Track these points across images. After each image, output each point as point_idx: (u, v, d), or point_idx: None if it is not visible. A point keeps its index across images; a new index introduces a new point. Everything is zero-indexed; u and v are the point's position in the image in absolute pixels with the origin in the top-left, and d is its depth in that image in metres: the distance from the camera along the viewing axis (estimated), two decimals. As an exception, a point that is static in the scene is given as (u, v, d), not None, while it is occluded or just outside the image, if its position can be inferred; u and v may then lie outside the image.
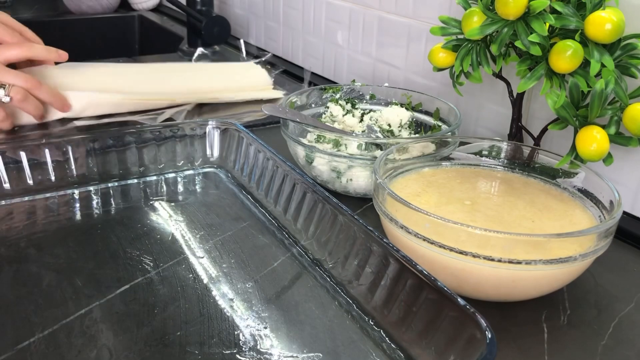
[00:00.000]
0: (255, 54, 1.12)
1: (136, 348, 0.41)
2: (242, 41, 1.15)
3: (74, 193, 0.62)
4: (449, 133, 0.63)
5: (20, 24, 0.82)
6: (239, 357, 0.41)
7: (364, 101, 0.77)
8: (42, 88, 0.75)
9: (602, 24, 0.51)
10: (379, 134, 0.68)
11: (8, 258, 0.51)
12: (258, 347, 0.42)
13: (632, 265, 0.55)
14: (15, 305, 0.45)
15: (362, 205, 0.63)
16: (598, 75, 0.53)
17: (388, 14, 0.86)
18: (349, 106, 0.73)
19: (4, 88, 0.72)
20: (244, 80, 0.94)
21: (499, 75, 0.62)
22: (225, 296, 0.47)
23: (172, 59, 1.14)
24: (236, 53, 1.16)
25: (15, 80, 0.72)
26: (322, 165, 0.63)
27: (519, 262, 0.42)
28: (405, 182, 0.56)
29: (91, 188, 0.63)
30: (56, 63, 0.83)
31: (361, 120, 0.72)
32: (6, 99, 0.72)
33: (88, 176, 0.63)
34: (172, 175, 0.67)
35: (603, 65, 0.52)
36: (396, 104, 0.73)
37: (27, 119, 0.77)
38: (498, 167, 0.60)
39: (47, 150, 0.62)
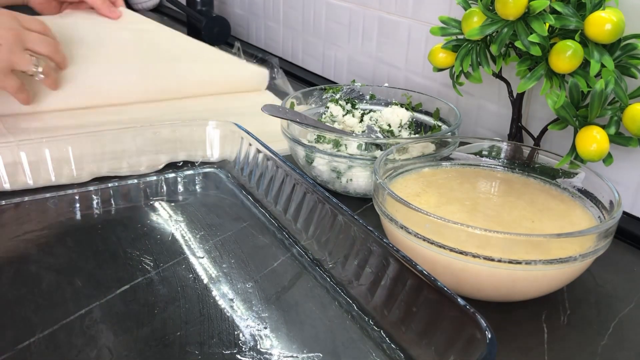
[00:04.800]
0: (257, 55, 1.11)
1: (136, 348, 0.41)
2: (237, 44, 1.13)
3: (74, 193, 0.62)
4: (449, 133, 0.63)
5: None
6: (239, 357, 0.41)
7: (364, 101, 0.77)
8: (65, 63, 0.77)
9: (602, 24, 0.51)
10: (379, 134, 0.68)
11: (8, 258, 0.51)
12: (258, 347, 0.42)
13: (632, 265, 0.55)
14: (15, 305, 0.45)
15: (362, 205, 0.63)
16: (598, 75, 0.53)
17: (388, 14, 0.86)
18: (349, 106, 0.73)
19: (38, 65, 0.72)
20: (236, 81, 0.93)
21: (499, 76, 0.62)
22: (225, 296, 0.47)
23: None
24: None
25: (47, 50, 0.73)
26: (322, 166, 0.63)
27: (518, 262, 0.42)
28: (405, 182, 0.56)
29: (91, 188, 0.63)
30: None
31: (361, 121, 0.72)
32: (40, 77, 0.73)
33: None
34: (172, 175, 0.67)
35: (603, 66, 0.52)
36: (396, 104, 0.73)
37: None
38: (498, 167, 0.60)
39: (47, 150, 0.62)
